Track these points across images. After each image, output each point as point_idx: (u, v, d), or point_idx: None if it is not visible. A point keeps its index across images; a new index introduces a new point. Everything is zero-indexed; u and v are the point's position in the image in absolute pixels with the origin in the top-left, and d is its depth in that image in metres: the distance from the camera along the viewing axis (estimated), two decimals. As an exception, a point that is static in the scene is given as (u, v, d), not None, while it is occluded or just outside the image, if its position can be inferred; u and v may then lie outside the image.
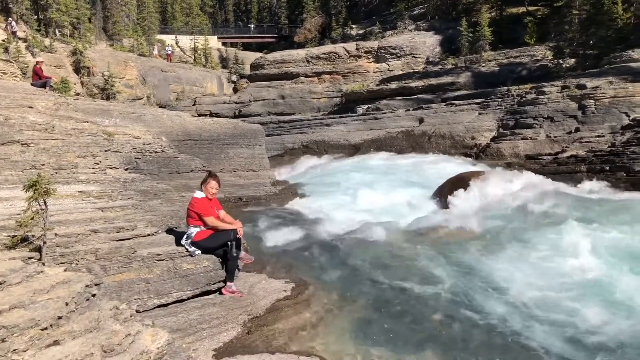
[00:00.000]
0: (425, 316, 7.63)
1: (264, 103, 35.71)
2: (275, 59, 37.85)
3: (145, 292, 6.29)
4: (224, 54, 55.29)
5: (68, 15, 37.76)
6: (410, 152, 25.24)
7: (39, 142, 10.56)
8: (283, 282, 8.33)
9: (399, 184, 17.95)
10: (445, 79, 30.99)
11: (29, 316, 3.44)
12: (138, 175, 11.44)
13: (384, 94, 32.14)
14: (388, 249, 10.96)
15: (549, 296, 8.18)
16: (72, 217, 7.06)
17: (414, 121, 27.38)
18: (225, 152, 16.93)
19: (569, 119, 21.57)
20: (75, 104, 14.82)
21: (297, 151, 28.78)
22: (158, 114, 17.03)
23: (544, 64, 28.69)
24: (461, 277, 9.26)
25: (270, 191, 16.97)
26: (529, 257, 9.82)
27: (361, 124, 29.18)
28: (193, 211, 7.27)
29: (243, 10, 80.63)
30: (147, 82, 39.37)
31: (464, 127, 24.88)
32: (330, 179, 20.37)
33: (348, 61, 36.12)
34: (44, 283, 4.17)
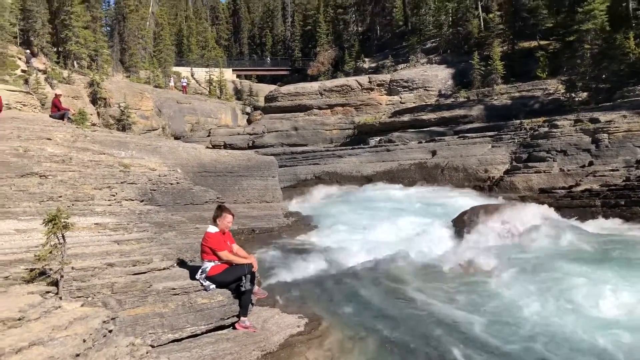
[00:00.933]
0: (440, 353, 7.53)
1: (278, 134, 36.01)
2: (289, 91, 38.32)
3: (159, 327, 6.28)
4: (239, 86, 56.08)
5: (86, 47, 38.67)
6: (423, 184, 25.21)
7: (56, 174, 10.70)
8: (296, 317, 8.28)
9: (412, 216, 17.88)
10: (458, 111, 31.12)
11: (48, 354, 3.46)
12: (153, 207, 11.52)
13: (397, 126, 32.32)
14: (402, 283, 10.89)
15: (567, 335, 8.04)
16: (89, 250, 7.12)
17: (426, 153, 27.42)
18: (239, 183, 17.03)
19: (583, 152, 21.49)
20: (93, 136, 15.05)
21: (310, 182, 28.83)
22: (174, 146, 17.23)
23: (557, 97, 28.76)
24: (477, 313, 9.15)
25: (283, 223, 16.99)
26: (544, 294, 9.68)
27: (373, 155, 29.27)
28: (207, 246, 7.29)
29: (257, 44, 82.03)
30: (163, 113, 39.95)
31: (477, 160, 24.86)
32: (342, 211, 20.37)
33: (361, 94, 36.47)
34: (62, 319, 4.20)
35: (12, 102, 17.93)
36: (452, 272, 11.75)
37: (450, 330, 8.39)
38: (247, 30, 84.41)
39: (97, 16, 43.88)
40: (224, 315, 7.03)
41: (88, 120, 25.11)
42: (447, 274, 11.63)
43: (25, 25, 34.43)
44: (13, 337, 3.63)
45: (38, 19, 34.64)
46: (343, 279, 11.42)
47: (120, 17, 47.93)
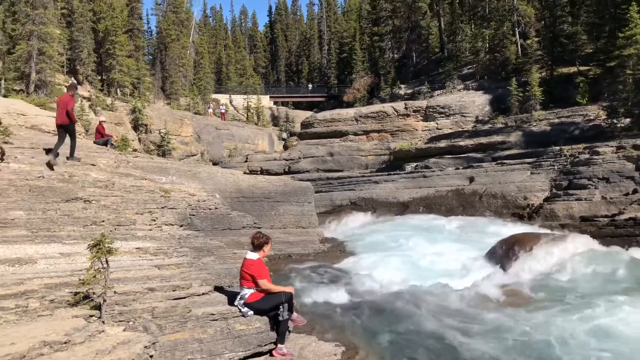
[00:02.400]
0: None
1: (313, 160, 36.23)
2: (324, 117, 38.64)
3: (198, 352, 6.32)
4: (275, 113, 56.84)
5: (129, 75, 39.95)
6: (461, 211, 24.88)
7: (99, 198, 10.99)
8: (333, 345, 8.20)
9: (451, 245, 17.64)
10: (496, 137, 30.77)
11: (93, 378, 3.52)
12: (192, 231, 11.68)
13: (433, 152, 32.13)
14: (440, 313, 10.70)
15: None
16: (130, 275, 7.24)
17: (464, 180, 27.10)
18: (276, 209, 17.17)
19: (626, 180, 20.90)
20: (135, 162, 15.43)
21: (346, 208, 28.78)
22: (212, 171, 17.53)
23: (597, 123, 28.17)
24: (517, 344, 8.93)
25: (319, 249, 16.99)
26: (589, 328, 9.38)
27: (410, 181, 29.09)
28: (248, 273, 7.30)
29: (294, 71, 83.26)
30: (202, 139, 40.72)
31: (515, 187, 24.45)
32: (379, 237, 20.23)
33: (396, 120, 36.49)
34: (106, 343, 4.28)
35: (59, 129, 18.54)
36: (492, 303, 11.52)
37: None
38: (284, 58, 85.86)
39: (140, 45, 45.37)
40: (262, 342, 7.03)
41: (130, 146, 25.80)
42: (487, 305, 11.39)
43: (72, 55, 35.80)
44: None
45: (84, 48, 36.01)
46: (380, 307, 11.31)
47: (162, 46, 49.41)
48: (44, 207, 9.61)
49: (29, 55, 26.61)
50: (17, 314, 5.11)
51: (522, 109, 32.58)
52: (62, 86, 31.09)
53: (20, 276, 6.36)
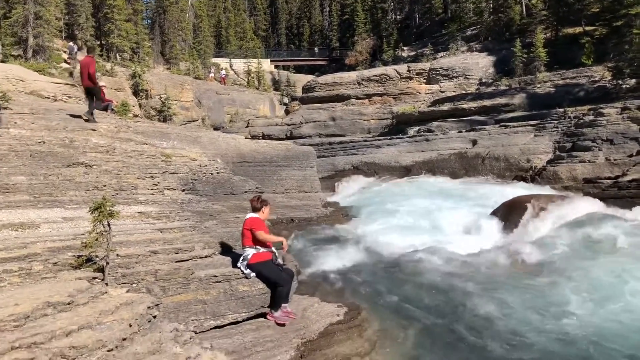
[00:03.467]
0: (482, 347, 7.43)
1: (315, 125, 36.01)
2: (326, 81, 38.24)
3: (202, 314, 6.38)
4: (276, 77, 56.29)
5: (128, 40, 39.44)
6: (463, 174, 24.80)
7: (101, 163, 10.94)
8: (336, 306, 8.27)
9: (453, 207, 17.63)
10: (499, 100, 30.47)
11: (97, 337, 3.55)
12: (194, 196, 11.67)
13: (436, 115, 31.87)
14: (442, 274, 10.76)
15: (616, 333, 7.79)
16: (133, 238, 7.26)
17: (466, 143, 26.95)
18: (278, 173, 17.10)
19: (630, 141, 20.75)
20: (135, 127, 15.32)
21: (348, 173, 28.72)
22: (214, 136, 17.41)
23: (602, 84, 27.83)
24: (519, 307, 8.98)
25: (322, 213, 17.00)
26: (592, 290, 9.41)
27: (412, 145, 28.93)
28: (247, 229, 7.38)
29: (295, 34, 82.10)
30: (203, 104, 40.46)
31: (519, 150, 24.31)
32: (381, 201, 20.23)
33: (399, 83, 36.11)
34: (109, 304, 4.30)
35: (58, 94, 18.42)
36: (495, 265, 11.55)
37: (492, 324, 8.26)
38: (285, 21, 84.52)
39: (138, 9, 44.69)
40: (265, 303, 7.10)
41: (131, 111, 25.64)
42: (491, 267, 11.43)
43: (70, 20, 35.29)
44: (63, 320, 3.73)
45: (82, 12, 35.48)
46: (382, 269, 11.38)
47: (161, 10, 48.63)
48: (45, 172, 9.59)
49: (25, 19, 26.23)
50: (20, 276, 5.14)
51: (526, 70, 32.20)
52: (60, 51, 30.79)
53: (24, 240, 6.38)
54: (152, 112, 35.44)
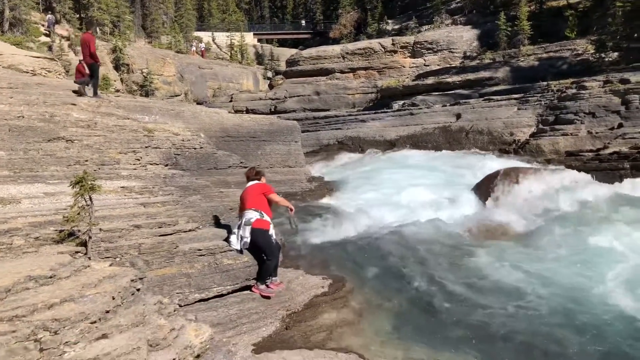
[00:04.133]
0: (463, 316, 7.55)
1: (299, 99, 35.80)
2: (310, 55, 37.89)
3: (186, 287, 6.40)
4: (260, 51, 55.67)
5: (108, 13, 38.62)
6: (447, 148, 24.92)
7: (82, 138, 10.80)
8: (320, 278, 8.34)
9: (437, 180, 17.76)
10: (483, 74, 30.47)
11: (79, 310, 3.54)
12: (178, 171, 11.61)
13: (420, 89, 31.80)
14: (426, 246, 10.86)
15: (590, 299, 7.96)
16: (116, 213, 7.22)
17: (450, 117, 27.01)
18: (262, 148, 17.02)
19: (612, 114, 20.94)
20: (117, 101, 15.11)
21: (332, 147, 28.72)
22: (196, 110, 17.23)
23: (586, 58, 27.93)
24: (500, 276, 9.12)
25: (306, 187, 17.01)
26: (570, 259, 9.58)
27: (397, 119, 28.94)
28: (257, 192, 7.52)
29: (278, 7, 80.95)
30: (185, 78, 39.97)
31: (502, 123, 24.43)
32: (365, 175, 20.28)
33: (384, 57, 35.91)
34: (92, 277, 4.28)
35: (37, 69, 18.04)
36: (475, 237, 11.69)
37: (475, 293, 8.39)
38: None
39: (118, -19, 43.66)
40: (250, 276, 7.13)
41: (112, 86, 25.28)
42: (470, 238, 11.57)
43: (48, -9, 34.50)
44: (45, 294, 3.72)
45: (60, -16, 34.66)
46: (366, 242, 11.45)
47: (141, -18, 47.63)
48: (25, 147, 9.46)
49: (0, -10, 25.59)
50: (1, 251, 5.09)
51: (510, 44, 32.18)
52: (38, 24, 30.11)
53: (4, 215, 6.31)
54: (134, 87, 34.95)
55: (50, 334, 3.26)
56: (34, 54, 19.72)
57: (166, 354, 3.75)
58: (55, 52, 27.63)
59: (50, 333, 3.26)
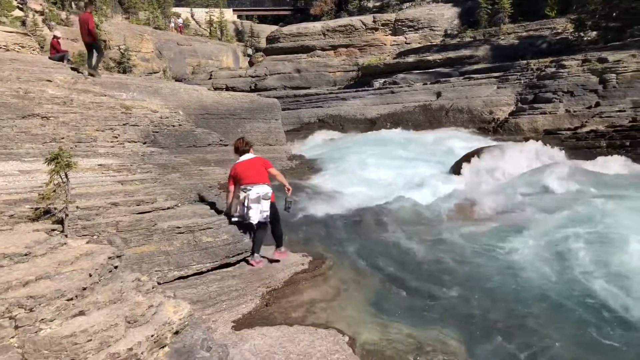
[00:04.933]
0: (441, 292, 7.65)
1: (280, 77, 35.54)
2: (291, 32, 37.52)
3: (165, 264, 6.37)
4: (240, 27, 54.88)
5: (84, -12, 37.63)
6: (428, 126, 25.03)
7: (58, 115, 10.61)
8: (301, 255, 8.37)
9: (417, 159, 17.87)
10: (464, 52, 30.52)
11: (55, 287, 3.50)
12: (156, 148, 11.50)
13: (401, 67, 31.77)
14: (404, 225, 10.96)
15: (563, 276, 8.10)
16: (93, 190, 7.13)
17: (431, 95, 27.08)
18: (242, 126, 16.92)
19: (590, 93, 21.19)
20: (93, 78, 14.86)
21: (313, 125, 28.67)
22: (175, 87, 17.03)
23: (565, 37, 28.14)
24: (477, 254, 9.25)
25: (287, 165, 16.99)
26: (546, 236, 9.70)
27: (378, 98, 28.92)
28: (261, 167, 7.65)
29: (258, -17, 79.67)
30: (163, 55, 39.34)
31: (482, 102, 24.57)
32: (346, 154, 20.31)
33: (365, 34, 35.71)
34: (68, 255, 4.23)
35: (10, 44, 17.59)
36: (453, 215, 11.80)
37: (452, 272, 8.49)
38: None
39: (94, -46, 42.52)
40: (229, 253, 7.12)
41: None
42: (448, 217, 11.67)
43: (20, -35, 33.42)
44: (20, 271, 3.67)
45: (33, -43, 33.60)
46: (346, 221, 11.50)
47: (118, -45, 46.44)
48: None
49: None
50: (-25, 229, 5.00)
51: (490, 22, 32.26)
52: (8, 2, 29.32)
53: (-23, 193, 6.20)
54: (111, 64, 34.29)
55: (26, 311, 3.22)
56: (7, 29, 19.20)
57: (144, 330, 3.74)
58: (28, 27, 26.95)
59: (25, 310, 3.22)
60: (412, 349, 5.93)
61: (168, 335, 3.95)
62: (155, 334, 3.76)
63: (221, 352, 4.50)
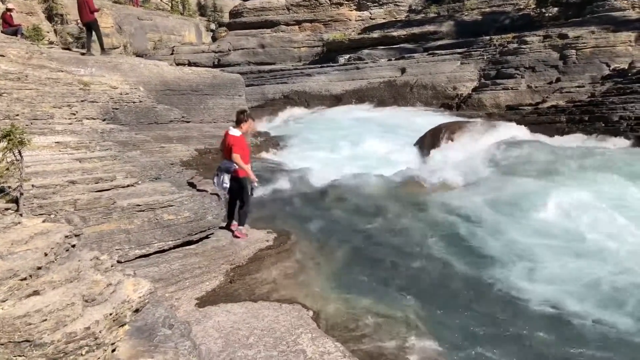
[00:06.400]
0: (404, 265, 7.78)
1: (244, 52, 35.02)
2: (254, 6, 36.87)
3: (126, 243, 6.27)
4: (202, 1, 53.73)
5: (38, -41, 36.18)
6: (392, 102, 25.09)
7: (11, 91, 10.25)
8: (265, 232, 8.36)
9: (381, 135, 17.93)
10: (428, 27, 30.56)
11: (7, 267, 3.40)
12: (116, 126, 11.24)
13: (366, 43, 31.63)
14: (369, 200, 11.05)
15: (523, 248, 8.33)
16: (50, 168, 6.93)
17: (396, 71, 27.11)
18: (205, 102, 16.64)
19: (550, 69, 21.56)
20: (49, 53, 14.37)
21: (278, 102, 28.42)
22: (135, 63, 16.60)
23: (527, 13, 28.41)
24: (439, 229, 9.42)
25: (252, 142, 16.83)
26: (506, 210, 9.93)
27: (343, 74, 28.80)
28: (229, 144, 7.72)
29: (221, -45, 77.94)
30: (124, 30, 38.27)
31: (445, 78, 24.74)
32: (311, 131, 20.25)
33: (329, 9, 35.37)
34: (22, 234, 4.11)
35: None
36: (416, 191, 11.93)
37: (415, 245, 8.63)
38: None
39: None
40: (192, 231, 7.05)
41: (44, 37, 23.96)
42: (412, 193, 11.80)
43: None
44: (-30, 251, 3.55)
45: None
46: (311, 197, 11.52)
47: None
48: (-53, 101, 8.90)
49: None
50: None
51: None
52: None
53: None
54: (69, 39, 33.20)
55: (-24, 292, 3.13)
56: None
57: (102, 308, 3.67)
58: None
59: (-25, 291, 3.13)
60: (375, 322, 6.02)
61: (127, 314, 3.89)
62: (114, 313, 3.70)
63: (183, 329, 4.47)
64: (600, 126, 15.65)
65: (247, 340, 5.27)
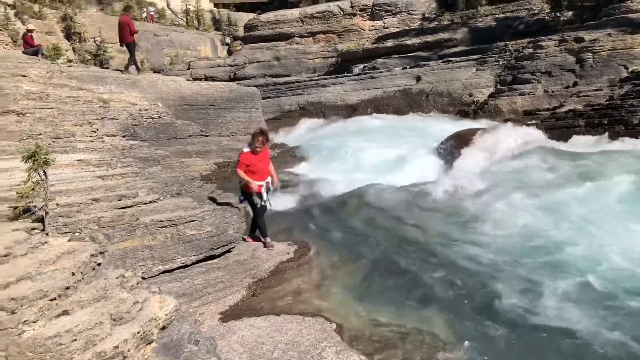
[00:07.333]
0: (426, 276, 7.71)
1: (259, 65, 35.24)
2: (268, 19, 37.19)
3: (149, 259, 6.33)
4: (217, 16, 54.19)
5: (56, -21, 36.93)
6: (408, 110, 25.04)
7: (34, 111, 10.45)
8: (285, 244, 8.39)
9: (399, 144, 17.84)
10: (442, 35, 30.49)
11: (37, 287, 3.46)
12: (136, 142, 11.40)
13: (380, 52, 31.66)
14: (388, 210, 11.00)
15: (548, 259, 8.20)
16: (73, 187, 7.03)
17: (411, 79, 27.07)
18: (223, 116, 16.79)
19: (567, 73, 21.34)
20: (69, 72, 14.63)
21: (294, 113, 28.51)
22: (153, 79, 16.82)
23: (542, 17, 28.21)
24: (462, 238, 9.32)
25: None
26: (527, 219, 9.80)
27: (358, 83, 28.84)
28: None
29: (234, -30, 78.76)
30: (140, 46, 38.67)
31: (461, 84, 24.63)
32: (328, 141, 20.25)
33: (343, 20, 35.51)
34: (49, 254, 4.18)
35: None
36: (436, 199, 11.84)
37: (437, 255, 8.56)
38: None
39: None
40: (214, 246, 7.09)
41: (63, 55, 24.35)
42: (432, 201, 11.72)
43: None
44: (0, 273, 3.61)
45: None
46: (330, 208, 11.52)
47: (89, -54, 45.50)
48: (-28, 122, 9.09)
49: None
50: (-48, 231, 4.91)
51: (468, 4, 32.21)
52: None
53: (-46, 194, 6.08)
54: (88, 56, 33.69)
55: (7, 313, 3.18)
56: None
57: (130, 327, 3.71)
58: (0, 21, 26.38)
59: (7, 313, 3.18)
60: (398, 333, 5.99)
61: (154, 331, 3.93)
62: (141, 331, 3.74)
63: (209, 344, 4.50)
64: (620, 129, 15.45)
65: (271, 354, 5.28)
